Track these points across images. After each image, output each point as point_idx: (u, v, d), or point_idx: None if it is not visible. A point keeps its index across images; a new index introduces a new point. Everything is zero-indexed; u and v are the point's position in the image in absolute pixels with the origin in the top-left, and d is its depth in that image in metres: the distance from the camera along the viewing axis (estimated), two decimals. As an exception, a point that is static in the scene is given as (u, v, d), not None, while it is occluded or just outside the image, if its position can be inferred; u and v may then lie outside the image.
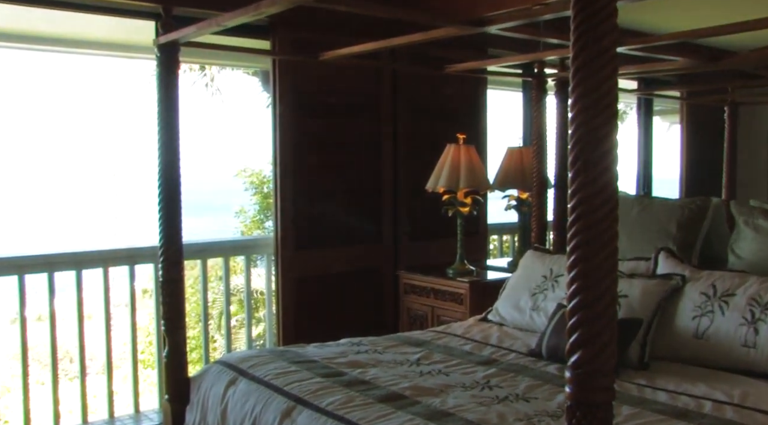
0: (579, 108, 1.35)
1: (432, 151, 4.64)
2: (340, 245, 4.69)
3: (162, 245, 3.08)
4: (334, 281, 4.66)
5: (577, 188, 1.36)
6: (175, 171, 3.03)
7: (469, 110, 5.25)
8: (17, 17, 3.90)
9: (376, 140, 4.83)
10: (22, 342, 4.01)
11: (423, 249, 5.00)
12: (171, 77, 3.06)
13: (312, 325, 4.53)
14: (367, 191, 4.81)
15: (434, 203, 4.58)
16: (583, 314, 1.38)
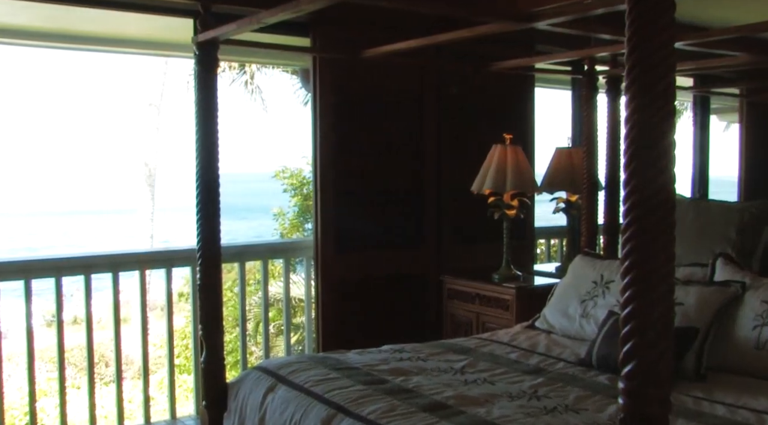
0: (634, 107, 1.34)
1: (477, 151, 4.62)
2: (381, 249, 4.70)
3: (200, 247, 3.11)
4: (375, 286, 4.67)
5: (632, 190, 1.35)
6: (213, 172, 3.06)
7: (516, 109, 5.22)
8: (57, 17, 3.98)
9: (419, 140, 4.83)
10: (59, 345, 4.08)
11: (467, 253, 4.98)
12: (209, 76, 3.09)
13: (352, 331, 4.54)
14: (409, 193, 4.81)
15: (479, 206, 4.56)
16: (638, 322, 1.36)
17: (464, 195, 4.64)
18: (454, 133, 4.94)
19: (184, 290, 10.76)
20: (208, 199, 3.06)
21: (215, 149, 3.07)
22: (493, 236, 4.75)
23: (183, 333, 10.18)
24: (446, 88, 4.84)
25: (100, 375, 10.05)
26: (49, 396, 9.08)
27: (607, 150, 4.49)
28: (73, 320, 14.73)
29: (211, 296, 3.14)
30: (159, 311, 13.91)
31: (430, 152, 4.87)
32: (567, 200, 4.82)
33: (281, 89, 13.84)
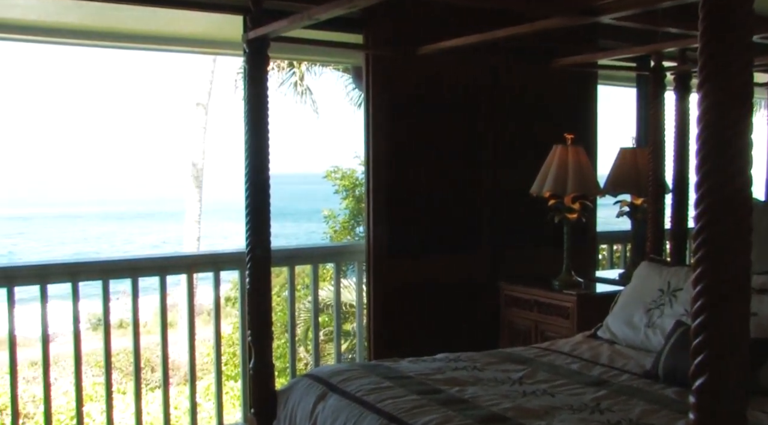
0: (708, 105, 1.31)
1: (537, 152, 4.58)
2: (435, 253, 4.69)
3: (249, 250, 3.14)
4: (429, 292, 4.66)
5: (705, 193, 1.32)
6: (263, 173, 3.09)
7: (577, 107, 5.17)
8: (106, 15, 4.06)
9: (475, 140, 4.81)
10: (105, 349, 4.15)
11: (525, 259, 4.94)
12: (260, 74, 3.12)
13: (405, 338, 4.54)
14: (465, 195, 4.79)
15: (539, 209, 4.53)
16: (710, 333, 1.34)
17: (523, 198, 4.60)
18: (512, 133, 4.92)
19: (230, 295, 10.91)
20: (258, 201, 3.09)
21: (265, 149, 3.10)
22: (552, 240, 4.71)
23: (230, 339, 10.30)
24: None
25: (145, 381, 10.22)
26: (94, 401, 9.24)
27: (675, 150, 4.43)
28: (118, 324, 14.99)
29: (261, 301, 3.18)
30: (205, 316, 14.11)
31: (486, 153, 4.85)
32: (631, 203, 4.76)
33: (332, 89, 13.91)
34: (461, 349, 3.64)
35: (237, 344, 10.63)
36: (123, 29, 4.39)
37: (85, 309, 4.10)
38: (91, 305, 7.86)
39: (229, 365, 10.02)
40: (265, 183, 3.10)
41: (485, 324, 4.81)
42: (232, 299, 11.51)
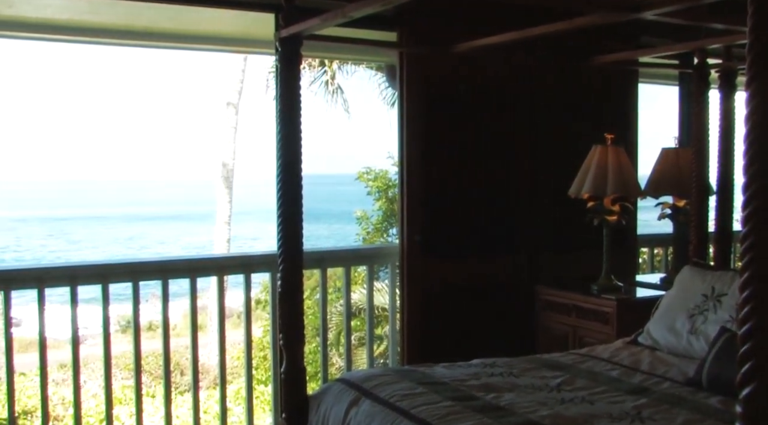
0: (756, 104, 1.30)
1: (575, 152, 4.56)
2: (470, 256, 4.68)
3: (281, 252, 3.16)
4: (464, 295, 4.65)
5: (753, 195, 1.31)
6: (296, 173, 3.10)
7: (617, 106, 5.13)
8: (137, 14, 4.11)
9: (512, 141, 4.79)
10: (135, 351, 4.18)
11: (563, 262, 4.91)
12: (292, 73, 3.13)
13: (439, 343, 4.53)
14: (501, 196, 4.78)
15: (577, 211, 4.50)
16: (758, 340, 1.32)
17: (561, 199, 4.58)
18: (550, 133, 4.89)
19: (259, 298, 10.97)
20: (291, 202, 3.10)
21: (298, 149, 3.11)
22: (591, 243, 4.67)
23: (260, 342, 10.35)
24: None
25: (174, 384, 10.31)
26: (123, 404, 9.34)
27: (719, 151, 4.38)
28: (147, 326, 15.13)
29: (293, 304, 3.19)
30: (234, 319, 14.19)
31: (523, 153, 4.83)
32: (673, 205, 4.71)
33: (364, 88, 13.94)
34: (496, 354, 3.63)
35: (267, 347, 10.70)
36: (154, 28, 4.43)
37: (113, 311, 4.14)
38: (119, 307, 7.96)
39: (259, 369, 10.06)
40: (298, 183, 3.11)
41: (521, 329, 4.79)
42: (262, 302, 11.58)
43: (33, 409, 9.17)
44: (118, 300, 4.36)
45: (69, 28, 4.25)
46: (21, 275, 4.13)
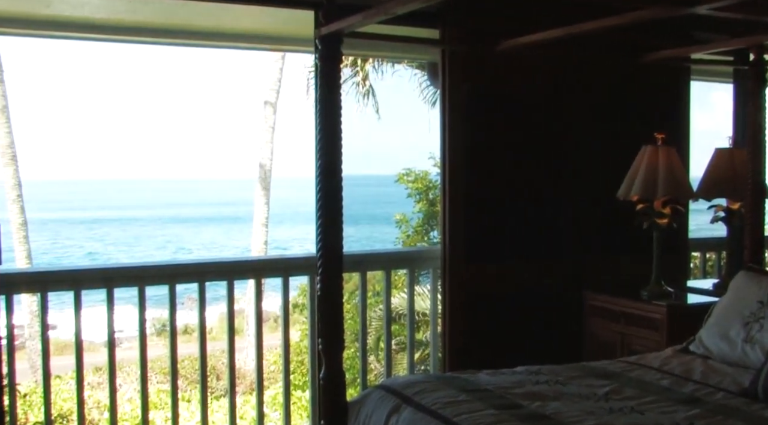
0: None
1: (624, 153, 4.52)
2: (514, 259, 4.66)
3: (320, 255, 3.16)
4: (508, 300, 4.63)
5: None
6: (336, 174, 3.10)
7: (668, 105, 5.08)
8: (175, 13, 4.16)
9: (558, 141, 4.77)
10: (171, 355, 4.22)
11: (611, 266, 4.87)
12: (333, 71, 3.14)
13: (481, 349, 4.52)
14: (546, 198, 4.75)
15: (626, 214, 4.46)
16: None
17: (608, 201, 4.55)
18: (598, 132, 4.85)
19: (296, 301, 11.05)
20: (330, 203, 3.11)
21: (338, 150, 3.12)
22: (640, 247, 4.63)
23: (297, 347, 10.41)
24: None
25: (210, 389, 10.40)
26: (158, 408, 9.45)
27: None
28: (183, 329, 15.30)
29: (332, 308, 3.19)
30: (271, 323, 14.29)
31: (570, 154, 4.79)
32: (727, 207, 4.65)
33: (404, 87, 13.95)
34: (541, 361, 3.61)
35: (305, 352, 10.76)
36: (191, 26, 4.48)
37: (148, 314, 4.19)
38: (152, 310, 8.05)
39: (296, 374, 10.13)
40: (338, 185, 3.12)
41: (567, 336, 4.76)
42: (300, 305, 11.65)
43: (68, 412, 9.31)
44: (150, 303, 4.40)
45: (105, 26, 4.31)
46: (57, 277, 4.20)
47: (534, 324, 4.70)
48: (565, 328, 4.77)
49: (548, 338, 4.71)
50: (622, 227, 4.65)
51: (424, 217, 10.28)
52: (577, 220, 4.83)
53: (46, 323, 3.97)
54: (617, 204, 4.50)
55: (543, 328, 4.72)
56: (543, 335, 4.70)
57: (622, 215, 4.55)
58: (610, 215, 4.77)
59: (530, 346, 4.57)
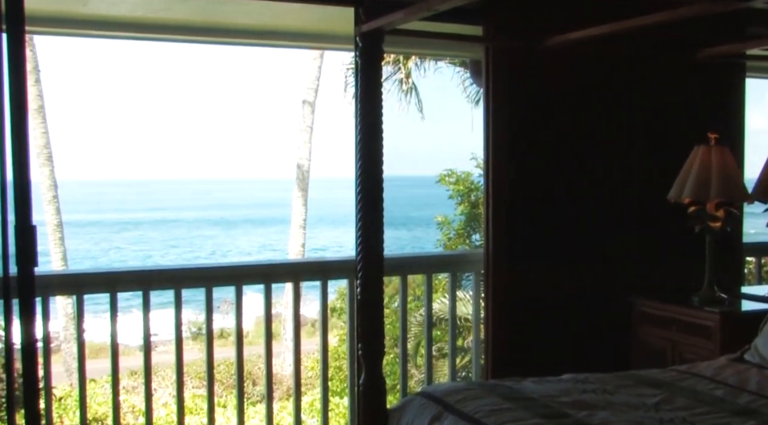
0: None
1: (675, 153, 4.47)
2: (560, 263, 4.63)
3: (360, 258, 3.17)
4: (552, 305, 4.60)
5: None
6: (376, 176, 3.11)
7: (722, 103, 5.01)
8: (211, 10, 4.19)
9: (606, 140, 4.73)
10: (208, 360, 4.24)
11: (661, 271, 4.82)
12: (374, 70, 3.16)
13: (525, 356, 4.50)
14: (593, 200, 4.71)
15: (676, 216, 4.41)
16: None
17: (658, 204, 4.50)
18: (647, 132, 4.80)
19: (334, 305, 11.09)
20: (371, 205, 3.12)
21: (378, 150, 3.13)
22: (692, 252, 4.57)
23: (335, 352, 10.44)
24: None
25: (246, 394, 10.47)
26: (193, 414, 9.53)
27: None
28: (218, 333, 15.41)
29: (373, 312, 3.21)
30: (308, 327, 14.34)
31: (618, 154, 4.75)
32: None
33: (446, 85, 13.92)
34: (588, 369, 3.58)
35: (343, 358, 10.81)
36: (229, 24, 4.51)
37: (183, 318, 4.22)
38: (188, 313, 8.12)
39: (334, 380, 10.15)
40: (379, 186, 3.13)
41: (614, 343, 4.71)
42: (338, 309, 11.68)
43: (103, 416, 9.43)
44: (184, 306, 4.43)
45: (142, 25, 4.35)
46: (93, 279, 4.26)
47: (580, 330, 4.66)
48: (612, 334, 4.72)
49: (595, 345, 4.67)
50: (672, 231, 4.60)
51: (466, 219, 10.25)
52: (625, 223, 4.78)
53: (82, 326, 4.02)
54: (668, 206, 4.45)
55: (589, 334, 4.68)
56: (589, 341, 4.67)
57: (672, 218, 4.51)
58: (660, 218, 4.72)
59: (576, 353, 4.55)
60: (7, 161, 2.89)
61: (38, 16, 3.95)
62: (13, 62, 2.82)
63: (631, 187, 4.78)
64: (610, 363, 4.21)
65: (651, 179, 4.72)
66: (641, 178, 4.79)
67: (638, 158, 4.79)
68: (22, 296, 3.00)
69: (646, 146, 4.81)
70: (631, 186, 4.78)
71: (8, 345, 3.15)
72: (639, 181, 4.79)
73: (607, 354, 4.64)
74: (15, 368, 3.28)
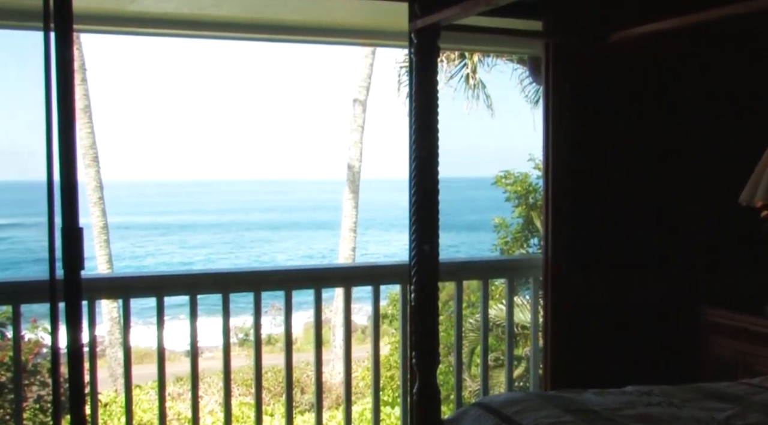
0: None
1: (747, 153, 4.41)
2: (624, 269, 4.58)
3: (415, 262, 3.17)
4: (615, 313, 4.56)
5: None
6: (432, 177, 3.11)
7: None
8: (261, 7, 4.23)
9: (672, 140, 4.67)
10: (256, 367, 4.26)
11: (731, 279, 4.74)
12: (429, 67, 3.15)
13: (586, 366, 4.46)
14: (659, 203, 4.66)
15: (749, 220, 4.35)
16: None
17: (729, 207, 4.44)
18: (718, 131, 4.73)
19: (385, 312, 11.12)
20: (426, 208, 3.11)
21: (434, 151, 3.12)
22: (764, 258, 4.50)
23: (387, 360, 10.45)
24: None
25: (294, 402, 10.54)
26: (240, 422, 9.61)
27: None
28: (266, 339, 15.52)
29: (428, 319, 3.20)
30: (358, 334, 14.38)
31: (687, 155, 4.69)
32: None
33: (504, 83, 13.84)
34: (652, 381, 3.54)
35: (394, 366, 10.83)
36: (277, 21, 4.53)
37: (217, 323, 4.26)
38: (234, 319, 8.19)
39: (386, 389, 10.15)
40: (434, 188, 3.12)
41: (681, 354, 4.66)
42: (389, 316, 11.69)
43: (148, 424, 9.55)
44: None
45: (190, 22, 4.40)
46: (140, 282, 4.32)
47: (644, 340, 4.61)
48: (679, 345, 4.67)
49: (660, 355, 4.62)
50: (744, 236, 4.54)
51: (524, 223, 10.19)
52: (693, 227, 4.72)
53: (128, 330, 4.06)
54: (739, 210, 4.38)
55: (654, 345, 4.63)
56: (654, 352, 4.62)
57: (744, 222, 4.45)
58: (731, 222, 4.66)
59: (639, 364, 4.50)
60: (55, 162, 2.94)
61: (85, 14, 4.02)
62: (61, 62, 2.87)
63: (700, 189, 4.71)
64: (676, 375, 4.16)
65: (721, 180, 4.65)
66: (711, 180, 4.72)
67: (707, 158, 4.72)
68: (69, 300, 3.05)
69: (716, 146, 4.74)
70: (700, 189, 4.71)
71: (55, 350, 3.20)
72: (708, 183, 4.72)
73: (673, 365, 4.59)
74: (61, 372, 3.33)
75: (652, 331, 4.63)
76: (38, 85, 2.93)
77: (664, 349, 4.65)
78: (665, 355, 4.63)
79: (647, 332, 4.62)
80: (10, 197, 42.30)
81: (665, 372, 4.31)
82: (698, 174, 4.72)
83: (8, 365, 6.19)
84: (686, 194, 4.71)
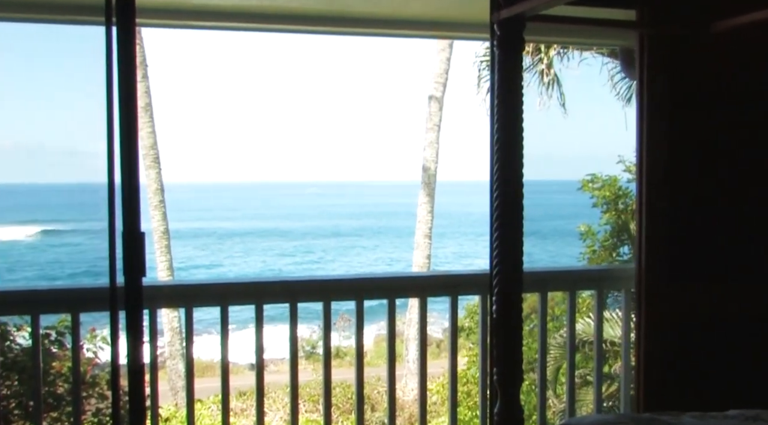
0: None
1: None
2: (725, 281, 4.49)
3: (497, 272, 3.14)
4: (716, 329, 4.47)
5: None
6: (516, 180, 3.08)
7: None
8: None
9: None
10: (325, 381, 4.27)
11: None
12: (513, 61, 3.12)
13: (684, 387, 4.38)
14: (765, 210, 4.55)
15: None
16: None
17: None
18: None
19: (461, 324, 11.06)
20: (509, 213, 3.08)
21: (519, 152, 3.09)
22: None
23: (464, 376, 10.40)
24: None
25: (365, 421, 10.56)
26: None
27: None
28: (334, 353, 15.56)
29: (510, 333, 3.17)
30: (433, 348, 14.34)
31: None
32: None
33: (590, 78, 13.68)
34: (757, 404, 3.47)
35: (471, 382, 10.79)
36: (348, 12, 4.56)
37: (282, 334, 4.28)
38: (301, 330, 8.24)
39: (462, 406, 10.11)
40: (519, 192, 3.09)
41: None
42: (465, 329, 11.63)
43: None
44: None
45: (256, 15, 4.43)
46: (203, 290, 4.37)
47: (746, 358, 4.51)
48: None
49: (765, 376, 4.51)
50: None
51: (613, 230, 10.05)
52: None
53: (191, 341, 4.11)
54: None
55: (757, 364, 4.53)
56: (757, 372, 4.51)
57: None
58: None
59: (742, 385, 4.40)
60: (116, 163, 2.98)
61: (147, 7, 4.08)
62: (124, 58, 2.91)
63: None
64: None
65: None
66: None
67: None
68: (130, 308, 3.09)
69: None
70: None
71: (114, 360, 3.24)
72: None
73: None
74: (121, 385, 3.37)
75: (756, 349, 4.54)
76: (98, 83, 2.97)
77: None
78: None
79: (751, 350, 4.53)
80: (68, 201, 43.29)
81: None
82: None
83: (66, 376, 6.30)
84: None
